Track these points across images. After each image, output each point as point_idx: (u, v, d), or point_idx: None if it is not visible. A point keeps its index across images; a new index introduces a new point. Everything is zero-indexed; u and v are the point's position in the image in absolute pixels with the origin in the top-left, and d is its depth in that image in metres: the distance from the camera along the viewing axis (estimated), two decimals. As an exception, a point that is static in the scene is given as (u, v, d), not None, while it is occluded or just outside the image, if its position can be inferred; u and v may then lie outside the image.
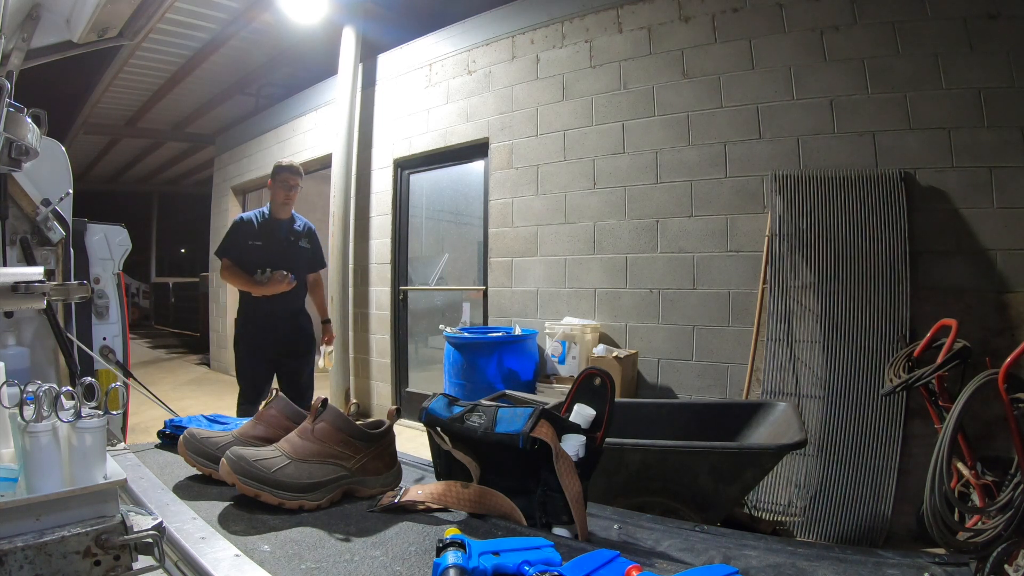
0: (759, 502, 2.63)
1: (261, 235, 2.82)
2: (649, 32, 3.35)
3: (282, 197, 2.84)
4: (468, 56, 4.25)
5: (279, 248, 2.83)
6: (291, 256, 2.86)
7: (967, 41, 2.53)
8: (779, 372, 2.74)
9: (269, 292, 2.73)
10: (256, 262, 2.77)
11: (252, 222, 2.86)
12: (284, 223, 2.89)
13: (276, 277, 2.74)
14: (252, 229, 2.83)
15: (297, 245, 2.91)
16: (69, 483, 0.68)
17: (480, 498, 0.88)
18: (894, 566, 0.77)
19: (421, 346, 4.96)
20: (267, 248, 2.80)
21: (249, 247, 2.79)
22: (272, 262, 2.78)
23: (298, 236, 2.93)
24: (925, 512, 1.66)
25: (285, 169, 2.89)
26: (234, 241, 2.82)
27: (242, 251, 2.79)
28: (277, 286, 2.74)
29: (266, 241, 2.81)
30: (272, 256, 2.79)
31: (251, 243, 2.79)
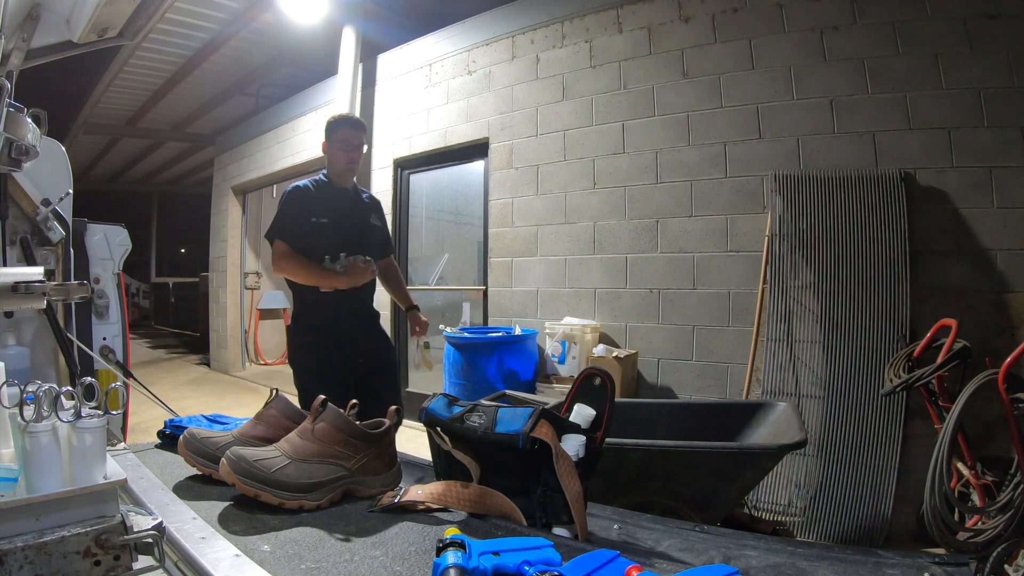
0: (759, 502, 2.63)
1: (325, 209, 2.09)
2: (649, 32, 3.35)
3: (343, 161, 2.13)
4: (468, 56, 4.25)
5: (349, 226, 2.13)
6: (364, 236, 2.18)
7: (967, 41, 2.53)
8: (779, 372, 2.74)
9: (349, 285, 2.03)
10: (322, 246, 2.05)
11: (313, 192, 2.14)
12: (349, 194, 2.20)
13: (356, 265, 2.04)
14: (314, 202, 2.09)
15: (368, 222, 2.23)
16: (69, 483, 0.68)
17: (480, 498, 0.88)
18: (894, 566, 0.77)
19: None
20: (335, 226, 2.08)
21: (312, 226, 2.05)
22: (343, 245, 2.07)
23: (367, 210, 2.25)
24: (925, 512, 1.66)
25: (344, 123, 2.17)
26: (293, 218, 2.06)
27: (304, 231, 2.05)
28: (359, 276, 2.05)
29: (333, 217, 2.08)
30: (343, 237, 2.09)
31: (314, 220, 2.06)
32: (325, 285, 2.03)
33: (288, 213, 2.08)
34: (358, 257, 2.06)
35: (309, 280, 2.04)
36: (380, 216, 2.30)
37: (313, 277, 2.03)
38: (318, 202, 2.10)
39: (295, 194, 2.12)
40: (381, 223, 2.30)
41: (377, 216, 2.28)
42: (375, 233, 2.24)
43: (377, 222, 2.27)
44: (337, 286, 2.02)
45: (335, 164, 2.15)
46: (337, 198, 2.14)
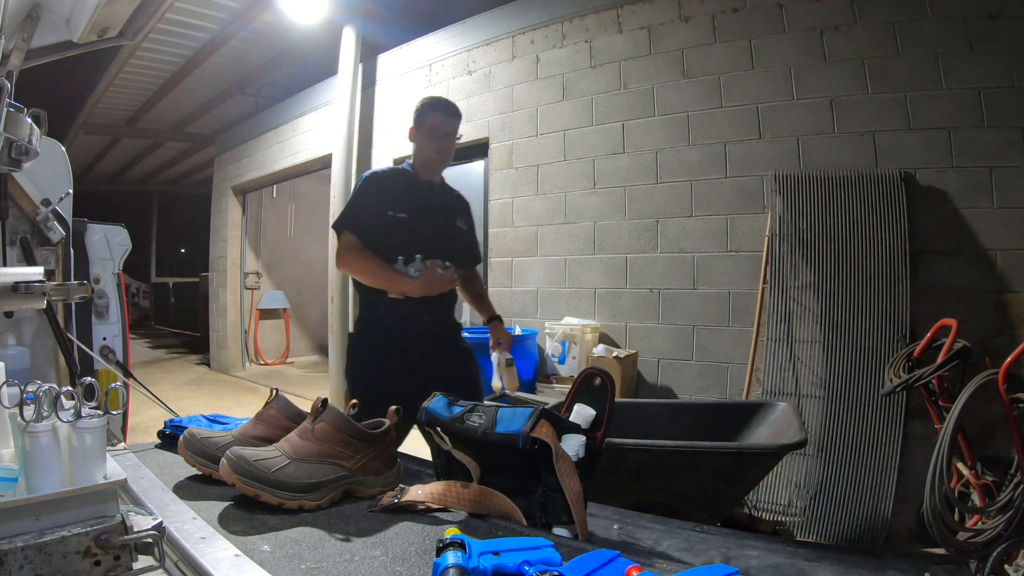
0: (759, 502, 2.63)
1: (406, 203, 1.79)
2: (649, 32, 3.35)
3: (432, 150, 1.86)
4: (468, 56, 4.25)
5: (431, 225, 1.83)
6: (447, 239, 1.87)
7: (967, 41, 2.53)
8: (779, 372, 2.74)
9: (422, 293, 1.71)
10: (396, 245, 1.75)
11: (394, 181, 1.86)
12: (435, 189, 1.90)
13: (434, 270, 1.74)
14: (393, 193, 1.81)
15: (453, 224, 1.92)
16: (69, 483, 0.68)
17: (480, 498, 0.88)
18: (894, 566, 0.77)
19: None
20: (414, 224, 1.80)
21: (388, 221, 1.76)
22: (421, 246, 1.76)
23: (454, 210, 1.95)
24: (925, 512, 1.66)
25: (435, 108, 1.89)
26: (367, 208, 1.78)
27: (377, 225, 1.75)
28: (435, 284, 1.74)
29: (413, 213, 1.80)
30: (422, 237, 1.79)
31: (391, 214, 1.77)
32: (394, 290, 1.73)
33: (362, 202, 1.79)
34: (436, 261, 1.74)
35: (375, 281, 1.75)
36: (468, 219, 1.99)
37: (381, 278, 1.74)
38: (398, 194, 1.81)
39: (373, 182, 1.82)
40: (468, 227, 1.98)
41: (464, 219, 1.97)
42: (460, 237, 1.93)
43: (463, 225, 1.95)
44: (408, 292, 1.70)
45: (422, 153, 1.87)
46: (421, 192, 1.85)
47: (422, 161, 1.88)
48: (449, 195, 1.96)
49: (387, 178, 1.87)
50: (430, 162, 1.87)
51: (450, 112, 1.92)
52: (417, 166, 1.89)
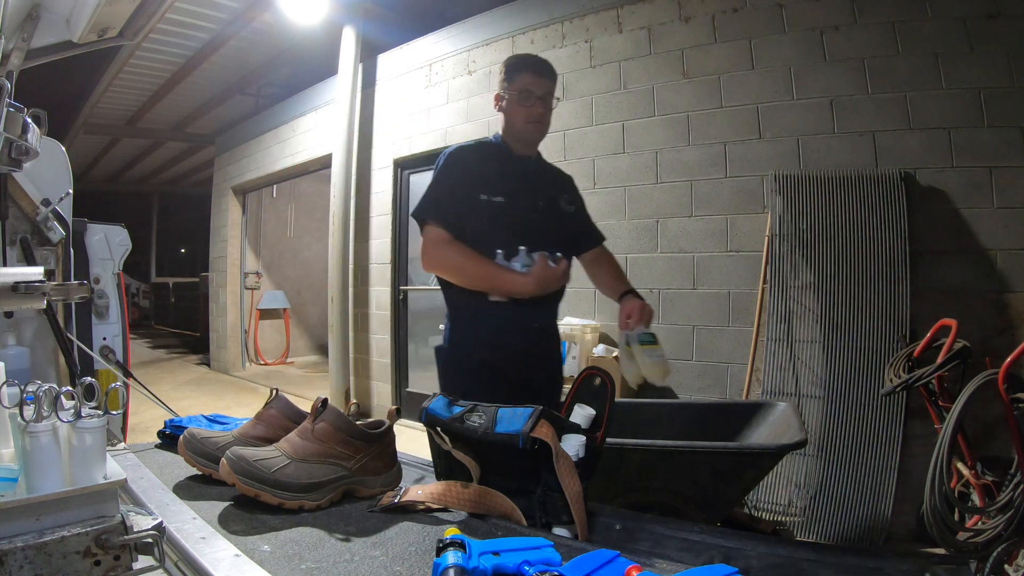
0: (759, 502, 2.63)
1: (501, 184, 1.51)
2: (649, 32, 3.35)
3: (522, 118, 1.52)
4: (468, 56, 4.25)
5: (534, 209, 1.54)
6: (553, 225, 1.58)
7: (967, 41, 2.53)
8: (779, 372, 2.74)
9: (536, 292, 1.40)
10: (495, 236, 1.47)
11: (486, 158, 1.56)
12: (532, 165, 1.61)
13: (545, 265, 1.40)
14: (488, 171, 1.52)
15: (558, 206, 1.62)
16: (69, 483, 0.68)
17: (480, 498, 0.88)
18: (894, 566, 0.77)
19: (421, 346, 4.95)
20: (515, 209, 1.50)
21: (482, 206, 1.47)
22: (524, 235, 1.48)
23: (556, 189, 1.65)
24: (925, 512, 1.66)
25: (524, 66, 1.55)
26: (455, 192, 1.49)
27: (471, 212, 1.47)
28: (549, 281, 1.41)
29: (512, 196, 1.50)
30: (526, 224, 1.51)
31: (486, 198, 1.47)
32: (499, 291, 1.42)
33: (449, 184, 1.48)
34: (544, 254, 1.41)
35: (476, 282, 1.44)
36: (573, 196, 1.68)
37: (483, 278, 1.43)
38: (492, 173, 1.50)
39: (461, 158, 1.51)
40: (575, 206, 1.68)
41: (569, 197, 1.66)
42: (567, 221, 1.63)
43: (569, 206, 1.64)
44: (517, 293, 1.40)
45: (513, 124, 1.54)
46: (517, 170, 1.54)
47: (514, 133, 1.55)
48: (548, 171, 1.66)
49: (477, 154, 1.55)
50: (523, 134, 1.54)
51: (541, 71, 1.55)
52: (508, 139, 1.56)
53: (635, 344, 1.45)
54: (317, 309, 8.45)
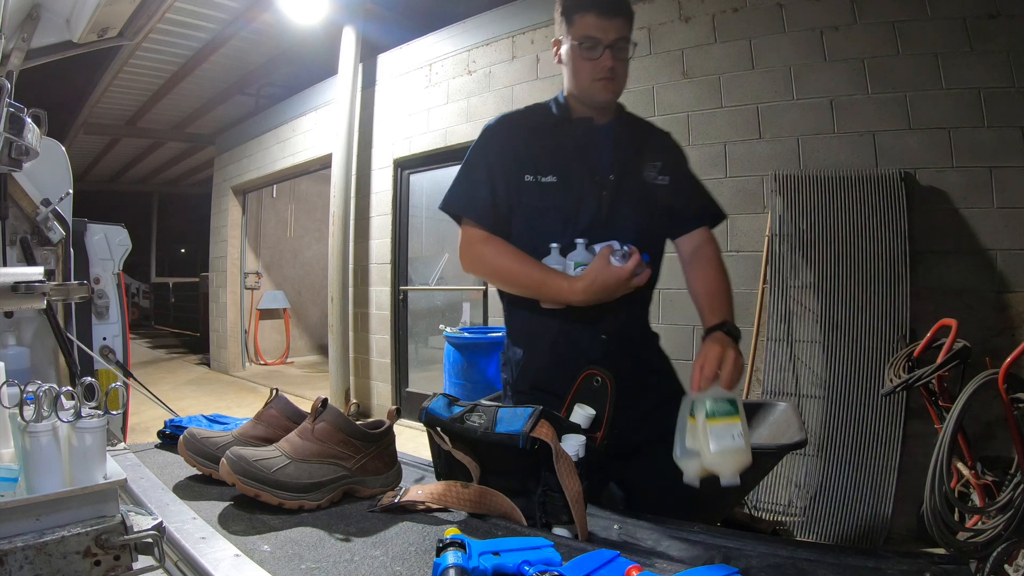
0: (759, 502, 2.63)
1: (554, 159, 1.21)
2: (649, 32, 3.35)
3: (587, 75, 1.19)
4: (468, 56, 4.25)
5: (598, 188, 1.20)
6: (629, 205, 1.22)
7: (967, 41, 2.53)
8: (779, 372, 2.74)
9: (591, 301, 1.10)
10: (546, 226, 1.19)
11: (531, 127, 1.26)
12: (604, 131, 1.25)
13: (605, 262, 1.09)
14: (534, 144, 1.23)
15: (642, 178, 1.25)
16: (69, 483, 0.68)
17: (480, 498, 0.88)
18: (894, 566, 0.77)
19: (421, 346, 4.96)
20: (571, 190, 1.20)
21: (527, 190, 1.20)
22: (587, 224, 1.19)
23: (641, 156, 1.27)
24: (925, 512, 1.66)
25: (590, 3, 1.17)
26: (491, 175, 1.21)
27: (517, 199, 1.20)
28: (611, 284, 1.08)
29: (567, 173, 1.20)
30: (587, 209, 1.19)
31: (532, 179, 1.20)
32: (546, 299, 1.16)
33: (482, 168, 1.22)
34: (609, 246, 1.10)
35: (521, 289, 1.18)
36: (671, 163, 1.28)
37: (528, 285, 1.17)
38: (540, 147, 1.21)
39: (498, 133, 1.25)
40: (675, 176, 1.27)
41: (665, 165, 1.25)
42: (655, 198, 1.23)
43: (661, 176, 1.24)
44: (569, 301, 1.12)
45: (575, 80, 1.21)
46: (578, 138, 1.22)
47: (578, 93, 1.22)
48: (631, 135, 1.27)
49: (522, 124, 1.25)
50: (589, 95, 1.20)
51: (610, 9, 1.15)
52: (573, 100, 1.24)
53: (700, 414, 0.91)
54: (317, 309, 8.46)
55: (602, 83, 1.18)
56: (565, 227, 1.18)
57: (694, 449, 0.91)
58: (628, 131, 1.29)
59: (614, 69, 1.17)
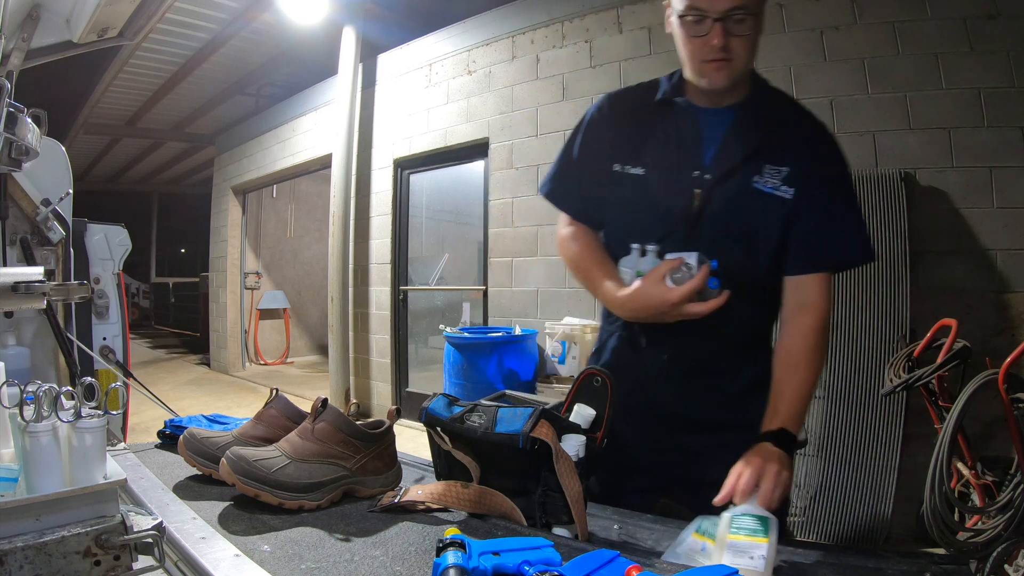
0: (759, 502, 2.63)
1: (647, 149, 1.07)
2: (649, 32, 3.35)
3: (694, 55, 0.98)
4: (468, 56, 4.25)
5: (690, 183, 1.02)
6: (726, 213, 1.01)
7: (967, 41, 2.53)
8: (779, 372, 2.73)
9: (630, 315, 1.04)
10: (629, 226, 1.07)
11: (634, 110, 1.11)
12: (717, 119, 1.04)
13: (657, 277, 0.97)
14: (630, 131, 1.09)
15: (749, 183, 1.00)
16: (69, 483, 0.68)
17: (480, 498, 0.88)
18: (894, 566, 0.77)
19: (421, 346, 4.96)
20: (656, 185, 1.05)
21: (616, 182, 1.08)
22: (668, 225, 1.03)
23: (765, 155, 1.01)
24: (925, 512, 1.66)
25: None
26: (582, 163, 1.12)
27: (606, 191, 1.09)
28: (652, 303, 0.97)
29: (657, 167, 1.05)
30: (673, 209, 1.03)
31: (619, 169, 1.07)
32: (601, 302, 1.09)
33: (575, 151, 1.13)
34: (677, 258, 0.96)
35: (582, 283, 1.13)
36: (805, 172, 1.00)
37: (584, 280, 1.12)
38: (636, 132, 1.07)
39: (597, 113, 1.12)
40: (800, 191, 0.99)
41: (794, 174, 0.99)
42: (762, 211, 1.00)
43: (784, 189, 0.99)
44: (614, 311, 1.07)
45: (684, 59, 1.01)
46: (681, 126, 1.05)
47: (690, 74, 1.02)
48: (756, 125, 1.02)
49: (622, 105, 1.11)
50: (695, 75, 1.01)
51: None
52: (689, 80, 1.04)
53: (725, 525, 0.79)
54: (317, 309, 8.46)
55: (712, 65, 0.97)
56: (649, 228, 1.03)
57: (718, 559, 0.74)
58: (755, 120, 1.02)
59: (728, 48, 0.94)
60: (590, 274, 1.09)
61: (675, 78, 1.09)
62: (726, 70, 0.97)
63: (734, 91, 1.03)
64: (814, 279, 1.02)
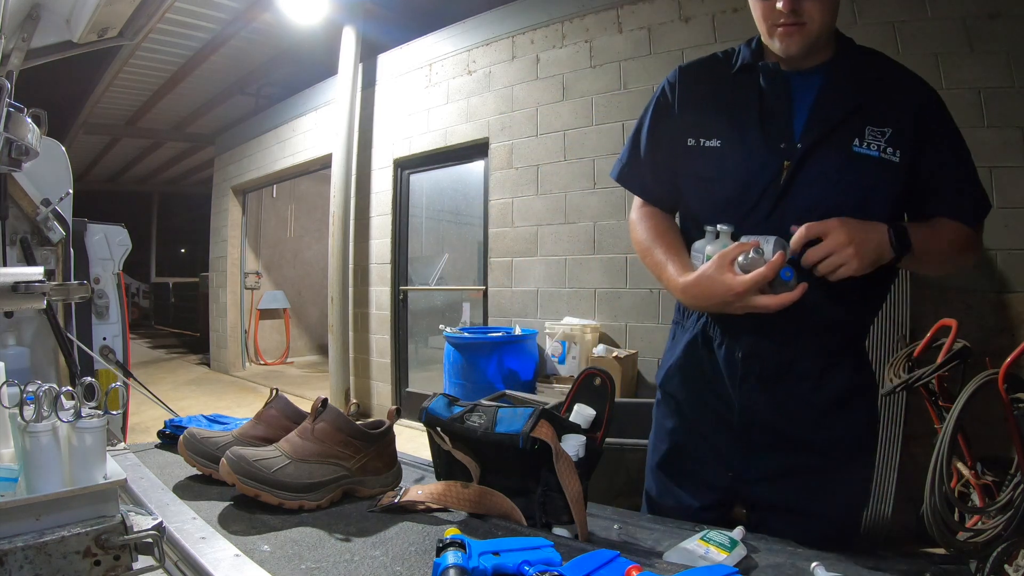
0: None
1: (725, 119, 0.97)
2: (649, 32, 3.35)
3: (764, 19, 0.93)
4: (468, 56, 4.25)
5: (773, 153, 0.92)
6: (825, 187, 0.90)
7: (967, 41, 2.53)
8: (779, 372, 2.73)
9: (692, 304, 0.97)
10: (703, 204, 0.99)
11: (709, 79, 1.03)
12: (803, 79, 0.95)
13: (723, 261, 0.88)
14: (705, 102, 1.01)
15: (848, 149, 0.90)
16: (69, 483, 0.68)
17: (480, 498, 0.88)
18: (894, 566, 0.77)
19: (421, 346, 4.96)
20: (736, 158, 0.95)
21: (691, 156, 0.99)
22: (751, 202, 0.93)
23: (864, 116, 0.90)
24: (925, 512, 1.66)
25: None
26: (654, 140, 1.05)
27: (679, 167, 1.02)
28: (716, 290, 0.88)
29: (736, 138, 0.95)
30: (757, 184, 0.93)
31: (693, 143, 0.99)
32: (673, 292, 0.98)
33: (642, 129, 1.07)
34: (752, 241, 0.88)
35: (647, 267, 1.05)
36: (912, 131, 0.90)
37: (649, 264, 1.03)
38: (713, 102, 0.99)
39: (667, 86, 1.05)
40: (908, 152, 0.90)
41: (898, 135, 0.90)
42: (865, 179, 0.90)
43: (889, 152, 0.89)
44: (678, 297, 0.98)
45: (760, 24, 0.96)
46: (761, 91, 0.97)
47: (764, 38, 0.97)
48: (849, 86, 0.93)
49: (691, 76, 1.03)
50: (769, 43, 0.96)
51: None
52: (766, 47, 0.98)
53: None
54: (317, 309, 8.46)
55: (784, 30, 0.90)
56: (727, 205, 0.93)
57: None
58: (848, 79, 0.93)
59: (799, 11, 0.87)
60: (654, 258, 1.00)
61: (754, 44, 1.01)
62: (798, 35, 0.89)
63: (817, 53, 0.94)
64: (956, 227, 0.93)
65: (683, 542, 0.81)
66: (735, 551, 0.78)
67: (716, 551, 0.77)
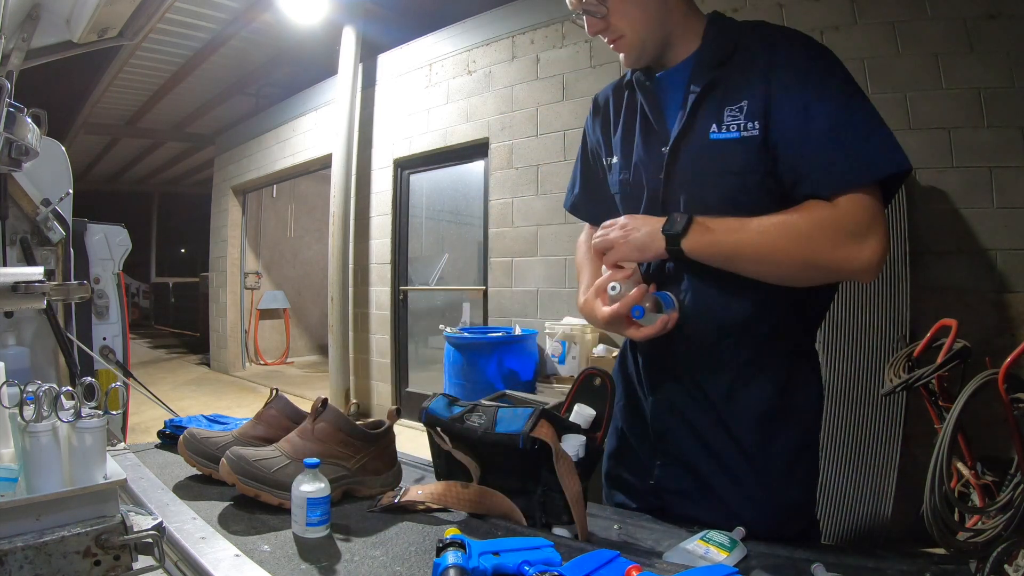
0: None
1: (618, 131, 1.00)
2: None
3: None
4: (468, 56, 4.25)
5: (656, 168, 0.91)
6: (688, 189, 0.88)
7: (967, 41, 2.53)
8: (779, 372, 2.73)
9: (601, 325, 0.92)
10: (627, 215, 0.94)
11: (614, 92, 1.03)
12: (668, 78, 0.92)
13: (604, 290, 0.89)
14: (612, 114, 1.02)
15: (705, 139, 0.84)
16: (69, 483, 0.68)
17: (480, 498, 0.88)
18: (894, 566, 0.77)
19: (421, 346, 4.96)
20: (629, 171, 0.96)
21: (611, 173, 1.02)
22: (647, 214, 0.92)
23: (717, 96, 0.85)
24: (925, 512, 1.66)
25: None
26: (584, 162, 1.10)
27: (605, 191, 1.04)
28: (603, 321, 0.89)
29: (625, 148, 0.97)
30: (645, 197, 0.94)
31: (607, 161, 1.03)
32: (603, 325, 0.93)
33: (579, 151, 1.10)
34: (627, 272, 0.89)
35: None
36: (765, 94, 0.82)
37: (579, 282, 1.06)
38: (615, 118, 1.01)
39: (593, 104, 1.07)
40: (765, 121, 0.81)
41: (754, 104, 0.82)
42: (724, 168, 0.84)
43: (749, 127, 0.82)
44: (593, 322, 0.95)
45: None
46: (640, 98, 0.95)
47: None
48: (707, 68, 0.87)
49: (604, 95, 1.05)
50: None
51: None
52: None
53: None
54: (317, 309, 8.46)
55: (612, 46, 0.92)
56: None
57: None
58: (707, 66, 0.87)
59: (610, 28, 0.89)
60: (580, 276, 1.04)
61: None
62: (623, 47, 0.91)
63: (676, 48, 0.91)
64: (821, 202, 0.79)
65: (683, 542, 0.81)
66: (735, 551, 0.78)
67: (716, 551, 0.78)
